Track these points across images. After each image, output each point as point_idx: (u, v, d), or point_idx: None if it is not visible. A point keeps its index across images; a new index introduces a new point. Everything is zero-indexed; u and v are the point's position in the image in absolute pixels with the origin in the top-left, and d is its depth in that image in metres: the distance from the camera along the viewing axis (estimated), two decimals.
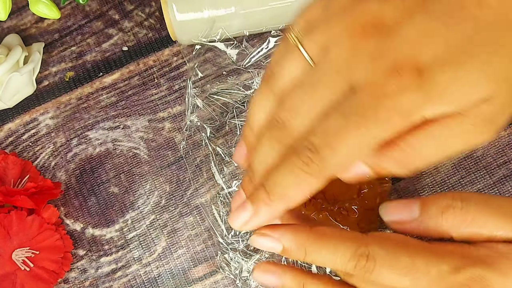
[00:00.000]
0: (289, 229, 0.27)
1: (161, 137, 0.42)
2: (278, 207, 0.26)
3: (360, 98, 0.22)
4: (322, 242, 0.27)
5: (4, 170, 0.39)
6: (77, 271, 0.40)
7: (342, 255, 0.26)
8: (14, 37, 0.43)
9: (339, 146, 0.23)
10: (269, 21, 0.40)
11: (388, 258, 0.26)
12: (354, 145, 0.23)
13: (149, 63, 0.43)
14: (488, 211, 0.27)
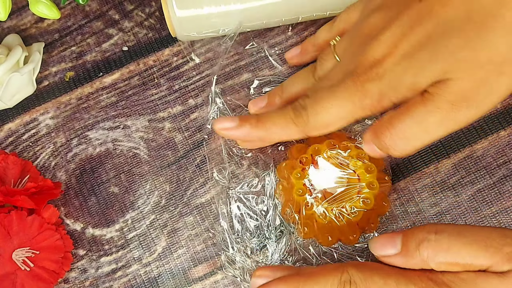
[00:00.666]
0: (281, 281, 0.33)
1: (161, 137, 0.42)
2: (258, 133, 0.35)
3: (346, 83, 0.31)
4: (313, 281, 0.32)
5: (4, 170, 0.39)
6: (77, 271, 0.40)
7: (330, 284, 0.31)
8: (14, 37, 0.43)
9: (321, 113, 0.32)
10: (269, 16, 0.40)
11: (365, 280, 0.31)
12: (331, 115, 0.32)
13: (149, 63, 0.43)
14: (461, 241, 0.30)
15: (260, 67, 0.42)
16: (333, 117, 0.32)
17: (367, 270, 0.31)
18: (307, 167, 0.37)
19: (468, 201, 0.39)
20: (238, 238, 0.39)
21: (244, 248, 0.38)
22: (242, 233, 0.39)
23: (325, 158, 0.37)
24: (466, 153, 0.40)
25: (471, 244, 0.30)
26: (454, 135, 0.40)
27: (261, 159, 0.40)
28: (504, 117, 0.40)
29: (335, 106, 0.31)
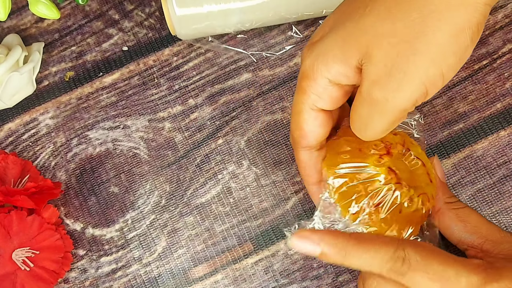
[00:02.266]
0: (329, 233, 0.30)
1: (161, 137, 0.42)
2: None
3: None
4: (364, 246, 0.29)
5: (4, 170, 0.39)
6: (77, 271, 0.40)
7: (380, 257, 0.28)
8: (14, 37, 0.43)
9: (295, 100, 0.32)
10: (268, 15, 0.40)
11: (422, 263, 0.28)
12: (299, 101, 0.31)
13: (149, 63, 0.43)
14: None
15: (260, 67, 0.42)
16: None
17: (425, 253, 0.28)
18: (383, 153, 0.33)
19: (468, 201, 0.39)
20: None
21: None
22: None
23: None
24: (466, 153, 0.40)
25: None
26: (454, 135, 0.40)
27: (261, 159, 0.40)
28: (504, 117, 0.40)
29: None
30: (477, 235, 0.33)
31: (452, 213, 0.34)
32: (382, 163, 0.32)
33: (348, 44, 0.28)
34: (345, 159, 0.33)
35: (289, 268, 0.39)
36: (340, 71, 0.29)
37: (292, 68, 0.42)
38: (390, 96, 0.27)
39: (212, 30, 0.41)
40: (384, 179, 0.32)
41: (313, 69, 0.30)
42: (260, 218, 0.40)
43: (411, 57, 0.26)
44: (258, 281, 0.39)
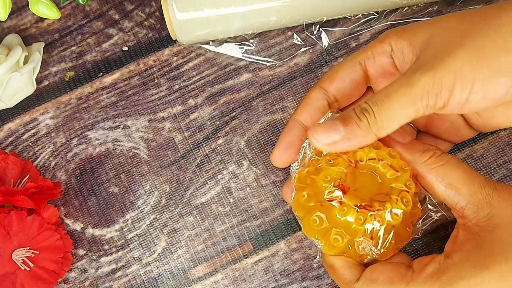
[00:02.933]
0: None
1: (161, 137, 0.42)
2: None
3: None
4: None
5: (4, 170, 0.39)
6: (77, 271, 0.40)
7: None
8: (14, 37, 0.43)
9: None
10: (269, 20, 0.40)
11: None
12: (354, 54, 0.35)
13: (149, 63, 0.43)
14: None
15: (260, 67, 0.42)
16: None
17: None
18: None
19: None
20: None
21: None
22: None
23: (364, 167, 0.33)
24: (466, 153, 0.40)
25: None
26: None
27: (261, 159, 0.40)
28: None
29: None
30: (459, 196, 0.31)
31: (431, 174, 0.32)
32: (345, 205, 0.31)
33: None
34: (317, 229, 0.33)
35: (289, 268, 0.39)
36: (404, 49, 0.31)
37: (292, 68, 0.42)
38: (421, 74, 0.29)
39: (213, 34, 0.41)
40: (357, 218, 0.31)
41: (385, 35, 0.32)
42: (260, 218, 0.40)
43: (458, 48, 0.28)
44: (258, 281, 0.39)
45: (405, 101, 0.29)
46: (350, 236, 0.32)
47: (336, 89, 0.35)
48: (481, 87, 0.28)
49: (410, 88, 0.29)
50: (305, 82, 0.42)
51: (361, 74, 0.34)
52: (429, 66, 0.29)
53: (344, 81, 0.34)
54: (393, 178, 0.32)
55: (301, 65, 0.42)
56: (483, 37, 0.29)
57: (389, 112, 0.29)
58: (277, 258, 0.39)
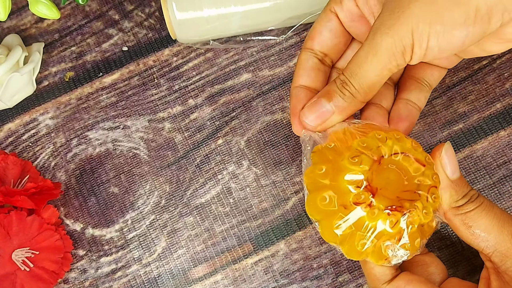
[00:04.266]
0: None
1: (161, 137, 0.42)
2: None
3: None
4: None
5: (4, 170, 0.39)
6: (77, 271, 0.40)
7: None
8: (14, 37, 0.43)
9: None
10: (268, 19, 0.40)
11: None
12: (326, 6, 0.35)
13: (149, 63, 0.43)
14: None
15: (260, 67, 0.42)
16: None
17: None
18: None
19: None
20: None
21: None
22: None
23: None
24: (466, 153, 0.40)
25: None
26: (454, 135, 0.40)
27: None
28: (504, 117, 0.40)
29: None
30: (485, 243, 0.31)
31: (458, 219, 0.31)
32: (367, 204, 0.29)
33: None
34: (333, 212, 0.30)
35: (289, 268, 0.39)
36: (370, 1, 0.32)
37: (292, 68, 0.42)
38: (381, 36, 0.29)
39: (213, 34, 0.41)
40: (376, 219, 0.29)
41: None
42: (260, 218, 0.40)
43: (412, 4, 0.29)
44: (258, 281, 0.39)
45: (376, 66, 0.30)
46: (376, 239, 0.29)
47: (319, 44, 0.35)
48: (436, 42, 0.29)
49: (376, 54, 0.30)
50: None
51: (337, 21, 0.35)
52: (387, 26, 0.29)
53: (323, 34, 0.35)
54: (419, 173, 0.30)
55: None
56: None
57: (366, 80, 0.30)
58: (277, 258, 0.39)
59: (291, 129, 0.41)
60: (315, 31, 0.35)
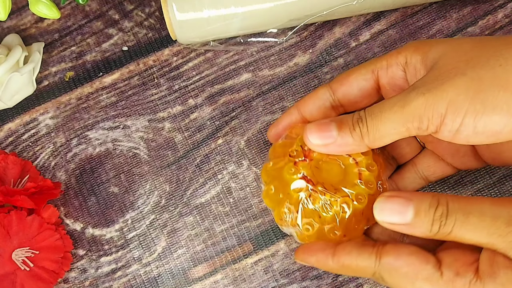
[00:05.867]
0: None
1: (161, 137, 0.42)
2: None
3: None
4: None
5: (4, 170, 0.39)
6: (77, 271, 0.40)
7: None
8: (14, 37, 0.43)
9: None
10: (268, 20, 0.40)
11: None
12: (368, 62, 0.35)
13: (149, 63, 0.43)
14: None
15: (260, 67, 0.42)
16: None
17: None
18: (298, 159, 0.34)
19: None
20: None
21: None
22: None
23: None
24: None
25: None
26: None
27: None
28: None
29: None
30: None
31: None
32: (297, 170, 0.33)
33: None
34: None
35: (289, 268, 0.39)
36: (417, 64, 0.31)
37: (292, 68, 0.42)
38: (416, 95, 0.28)
39: (213, 35, 0.41)
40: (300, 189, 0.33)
41: (405, 46, 0.32)
42: (259, 218, 0.40)
43: (458, 76, 0.28)
44: (257, 281, 0.39)
45: (397, 119, 0.29)
46: (319, 224, 0.33)
47: (343, 94, 0.34)
48: (472, 120, 0.27)
49: (403, 107, 0.28)
50: (305, 82, 0.42)
51: (372, 83, 0.34)
52: (426, 88, 0.28)
53: (352, 88, 0.34)
54: (353, 163, 0.33)
55: (301, 65, 0.42)
56: (486, 69, 0.28)
57: (381, 127, 0.29)
58: (277, 258, 0.39)
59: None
60: (347, 80, 0.34)
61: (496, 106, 0.27)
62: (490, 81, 0.27)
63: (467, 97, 0.27)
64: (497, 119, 0.27)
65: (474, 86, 0.27)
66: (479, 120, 0.27)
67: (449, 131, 0.28)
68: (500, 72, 0.27)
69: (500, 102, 0.27)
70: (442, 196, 0.28)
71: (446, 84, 0.28)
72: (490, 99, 0.27)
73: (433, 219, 0.28)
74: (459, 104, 0.27)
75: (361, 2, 0.39)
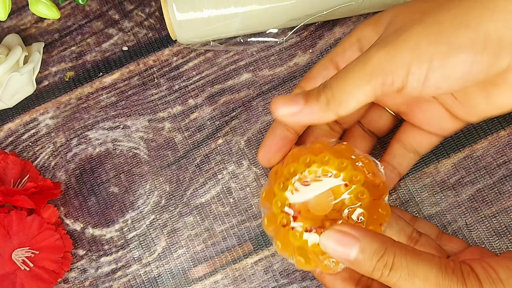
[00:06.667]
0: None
1: (161, 137, 0.42)
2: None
3: None
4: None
5: (4, 170, 0.39)
6: (77, 271, 0.40)
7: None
8: (14, 37, 0.43)
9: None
10: (268, 20, 0.40)
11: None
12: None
13: (149, 63, 0.43)
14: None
15: (260, 67, 0.42)
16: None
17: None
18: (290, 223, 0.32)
19: (468, 201, 0.39)
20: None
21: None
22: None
23: (303, 179, 0.33)
24: (466, 153, 0.40)
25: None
26: (454, 135, 0.40)
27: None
28: (504, 117, 0.40)
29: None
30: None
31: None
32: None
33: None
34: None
35: (289, 268, 0.39)
36: (369, 33, 0.31)
37: (292, 68, 0.42)
38: (377, 50, 0.27)
39: (213, 35, 0.41)
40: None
41: (354, 28, 0.33)
42: (260, 218, 0.40)
43: (416, 24, 0.27)
44: (258, 281, 0.39)
45: (360, 77, 0.28)
46: (312, 257, 0.32)
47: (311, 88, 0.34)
48: (439, 63, 0.26)
49: (365, 64, 0.27)
50: None
51: (333, 71, 0.33)
52: (385, 42, 0.27)
53: (317, 81, 0.33)
54: (340, 193, 0.32)
55: (301, 65, 0.42)
56: (443, 12, 0.27)
57: (346, 88, 0.28)
58: (277, 258, 0.39)
59: None
60: (311, 75, 0.34)
61: (460, 44, 0.26)
62: (449, 22, 0.26)
63: (430, 42, 0.26)
64: (464, 57, 0.26)
65: (434, 30, 0.27)
66: (447, 62, 0.26)
67: (417, 80, 0.27)
68: (457, 12, 0.27)
69: (463, 40, 0.26)
70: (392, 246, 0.27)
71: (405, 34, 0.27)
72: (453, 39, 0.26)
73: (375, 267, 0.27)
74: (423, 50, 0.26)
75: (361, 2, 0.39)
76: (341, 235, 0.28)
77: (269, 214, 0.33)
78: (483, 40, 0.26)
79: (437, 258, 0.27)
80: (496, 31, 0.26)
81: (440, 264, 0.27)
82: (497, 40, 0.26)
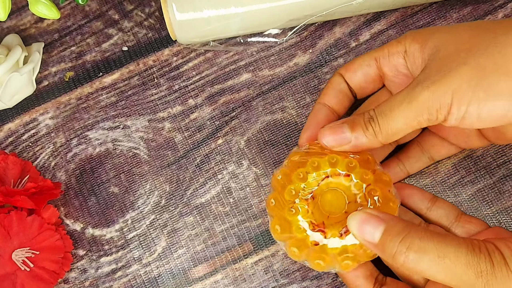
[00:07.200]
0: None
1: (161, 137, 0.42)
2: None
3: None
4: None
5: (4, 170, 0.39)
6: (77, 271, 0.40)
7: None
8: (14, 37, 0.43)
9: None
10: (268, 20, 0.40)
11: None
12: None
13: (149, 63, 0.43)
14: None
15: (260, 67, 0.42)
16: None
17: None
18: (298, 202, 0.32)
19: (468, 201, 0.39)
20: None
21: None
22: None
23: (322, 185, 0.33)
24: (466, 152, 0.40)
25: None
26: None
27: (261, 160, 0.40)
28: None
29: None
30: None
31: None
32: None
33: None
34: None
35: (289, 268, 0.39)
36: (416, 52, 0.33)
37: (292, 68, 0.42)
38: (422, 89, 0.29)
39: (213, 35, 0.41)
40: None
41: (404, 35, 0.34)
42: (260, 218, 0.40)
43: (460, 66, 0.29)
44: (258, 281, 0.39)
45: (407, 115, 0.30)
46: (331, 259, 0.32)
47: (350, 79, 0.36)
48: (476, 108, 0.28)
49: (411, 103, 0.29)
50: (305, 82, 0.42)
51: (375, 70, 0.35)
52: (430, 81, 0.29)
53: (357, 74, 0.36)
54: (352, 192, 0.32)
55: (301, 65, 0.42)
56: (486, 57, 0.29)
57: (393, 125, 0.30)
58: (277, 258, 0.39)
59: (291, 128, 0.41)
60: (352, 66, 0.36)
61: (498, 92, 0.28)
62: (491, 69, 0.28)
63: (470, 86, 0.28)
64: (500, 104, 0.28)
65: (476, 74, 0.28)
66: (483, 107, 0.28)
67: (455, 119, 0.29)
68: (500, 59, 0.28)
69: (502, 89, 0.28)
70: (417, 230, 0.28)
71: (449, 75, 0.29)
72: (492, 86, 0.28)
73: (397, 249, 0.28)
74: (463, 93, 0.28)
75: (361, 2, 0.39)
76: (368, 216, 0.29)
77: (281, 223, 0.33)
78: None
79: (463, 239, 0.28)
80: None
81: (467, 243, 0.28)
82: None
